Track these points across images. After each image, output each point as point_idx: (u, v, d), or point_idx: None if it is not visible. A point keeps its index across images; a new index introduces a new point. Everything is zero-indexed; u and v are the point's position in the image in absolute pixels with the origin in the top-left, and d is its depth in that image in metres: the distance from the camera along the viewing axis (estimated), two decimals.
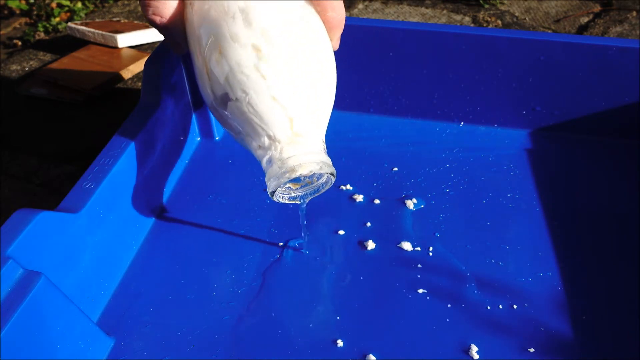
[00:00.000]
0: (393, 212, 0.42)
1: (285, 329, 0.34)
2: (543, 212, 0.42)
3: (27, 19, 0.79)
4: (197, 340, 0.33)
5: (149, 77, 0.41)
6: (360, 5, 0.78)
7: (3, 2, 0.81)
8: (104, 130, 0.55)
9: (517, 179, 0.45)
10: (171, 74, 0.43)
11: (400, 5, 0.78)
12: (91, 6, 0.81)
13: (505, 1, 0.77)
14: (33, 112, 0.58)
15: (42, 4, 0.80)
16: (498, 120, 0.50)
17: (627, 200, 0.43)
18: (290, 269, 0.38)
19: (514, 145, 0.48)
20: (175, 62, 0.44)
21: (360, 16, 0.74)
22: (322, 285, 0.37)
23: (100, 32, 0.67)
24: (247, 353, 0.33)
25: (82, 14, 0.79)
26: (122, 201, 0.37)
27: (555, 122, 0.49)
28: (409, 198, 0.43)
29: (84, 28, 0.69)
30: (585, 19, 0.73)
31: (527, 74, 0.47)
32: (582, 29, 0.71)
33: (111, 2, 0.82)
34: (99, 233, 0.35)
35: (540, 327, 0.34)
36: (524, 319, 0.34)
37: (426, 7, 0.77)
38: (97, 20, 0.76)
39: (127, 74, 0.63)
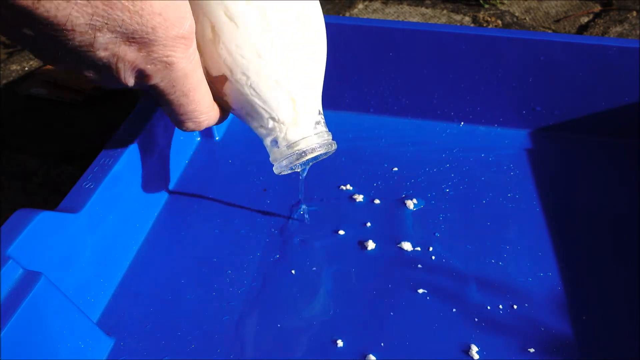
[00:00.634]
0: (393, 212, 0.42)
1: (285, 329, 0.34)
2: (543, 212, 0.42)
3: None
4: (197, 340, 0.33)
5: None
6: (360, 5, 0.78)
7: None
8: (104, 130, 0.55)
9: (517, 179, 0.45)
10: None
11: (400, 5, 0.78)
12: None
13: (505, 1, 0.77)
14: (33, 112, 0.58)
15: None
16: (498, 120, 0.50)
17: (627, 200, 0.43)
18: (290, 268, 0.38)
19: (514, 145, 0.48)
20: None
21: (360, 16, 0.74)
22: (322, 286, 0.37)
23: None
24: (247, 353, 0.33)
25: None
26: (122, 201, 0.37)
27: (555, 122, 0.49)
28: (409, 198, 0.43)
29: None
30: (585, 19, 0.73)
31: (527, 74, 0.47)
32: (582, 29, 0.71)
33: None
34: (99, 233, 0.35)
35: (540, 327, 0.34)
36: (524, 319, 0.34)
37: (426, 7, 0.77)
38: None
39: None
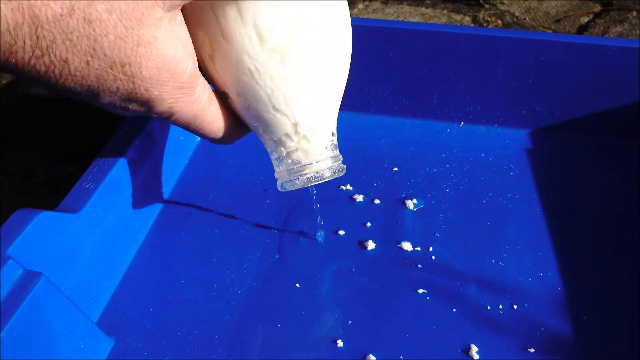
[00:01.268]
0: (393, 212, 0.42)
1: (285, 329, 0.34)
2: (543, 212, 0.42)
3: None
4: (197, 340, 0.33)
5: None
6: (360, 5, 0.78)
7: None
8: (104, 130, 0.55)
9: (517, 179, 0.45)
10: None
11: (400, 5, 0.78)
12: None
13: (505, 1, 0.77)
14: (33, 112, 0.58)
15: None
16: (498, 120, 0.50)
17: (627, 200, 0.43)
18: (290, 269, 0.38)
19: (514, 145, 0.48)
20: None
21: (360, 16, 0.74)
22: (322, 286, 0.37)
23: None
24: (247, 353, 0.33)
25: None
26: (122, 201, 0.37)
27: (555, 122, 0.49)
28: (409, 198, 0.43)
29: None
30: (586, 19, 0.73)
31: (527, 74, 0.47)
32: (582, 29, 0.71)
33: None
34: (98, 233, 0.35)
35: (540, 327, 0.34)
36: (524, 319, 0.34)
37: (426, 7, 0.77)
38: None
39: None
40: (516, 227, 0.41)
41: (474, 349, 0.32)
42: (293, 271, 0.38)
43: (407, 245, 0.39)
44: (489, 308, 0.35)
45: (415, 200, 0.43)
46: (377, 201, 0.43)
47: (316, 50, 0.29)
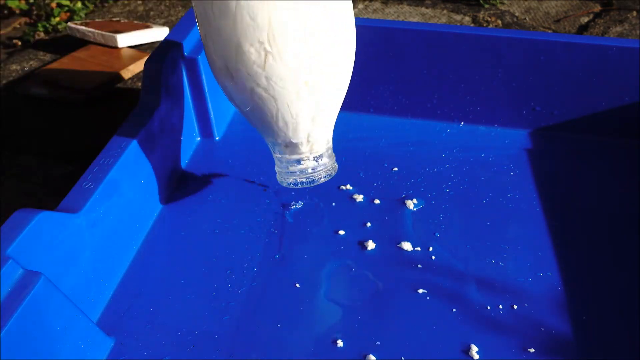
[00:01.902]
0: (393, 212, 0.42)
1: (285, 329, 0.34)
2: (543, 212, 0.42)
3: (27, 18, 0.79)
4: (197, 340, 0.33)
5: (149, 77, 0.41)
6: (360, 5, 0.78)
7: (3, 2, 0.81)
8: (104, 130, 0.55)
9: (517, 179, 0.45)
10: (171, 74, 0.43)
11: (400, 5, 0.78)
12: (91, 6, 0.81)
13: (505, 1, 0.77)
14: (33, 112, 0.58)
15: (42, 3, 0.80)
16: (498, 120, 0.50)
17: (627, 200, 0.43)
18: (290, 269, 0.38)
19: (514, 145, 0.48)
20: (175, 62, 0.44)
21: (360, 16, 0.74)
22: (322, 286, 0.37)
23: (100, 32, 0.67)
24: (247, 353, 0.33)
25: (82, 14, 0.79)
26: (122, 201, 0.37)
27: (555, 122, 0.49)
28: (409, 198, 0.43)
29: (83, 28, 0.69)
30: (585, 19, 0.73)
31: (527, 74, 0.47)
32: (582, 29, 0.71)
33: (111, 2, 0.82)
34: (98, 233, 0.35)
35: (540, 327, 0.34)
36: (524, 319, 0.34)
37: (426, 7, 0.77)
38: (97, 20, 0.76)
39: (127, 74, 0.63)
40: (516, 227, 0.41)
41: (474, 349, 0.32)
42: (293, 271, 0.38)
43: (407, 245, 0.39)
44: (489, 308, 0.35)
45: (415, 200, 0.43)
46: (377, 201, 0.43)
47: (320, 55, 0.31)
